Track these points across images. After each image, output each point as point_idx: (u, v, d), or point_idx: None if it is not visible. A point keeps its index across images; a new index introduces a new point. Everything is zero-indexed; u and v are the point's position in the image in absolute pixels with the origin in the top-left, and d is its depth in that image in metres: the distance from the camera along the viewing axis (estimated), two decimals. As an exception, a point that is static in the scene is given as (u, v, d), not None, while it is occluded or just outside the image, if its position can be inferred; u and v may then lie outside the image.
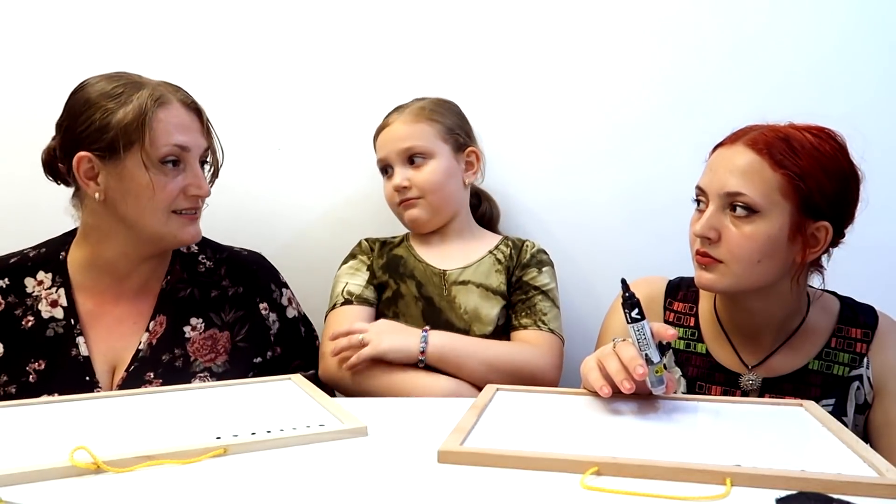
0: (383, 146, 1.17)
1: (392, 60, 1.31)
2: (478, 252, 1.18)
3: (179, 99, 0.99)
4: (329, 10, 1.32)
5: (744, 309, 0.96)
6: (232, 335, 1.06)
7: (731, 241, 0.89)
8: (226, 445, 0.66)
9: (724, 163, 0.90)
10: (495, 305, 1.13)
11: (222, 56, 1.32)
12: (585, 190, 1.33)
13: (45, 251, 1.04)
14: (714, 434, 0.71)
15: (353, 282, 1.16)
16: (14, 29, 1.31)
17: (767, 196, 0.87)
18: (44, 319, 0.99)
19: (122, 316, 1.02)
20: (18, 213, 1.32)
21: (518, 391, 0.87)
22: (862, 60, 1.28)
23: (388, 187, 1.18)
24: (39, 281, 1.01)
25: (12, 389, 0.96)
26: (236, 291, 1.08)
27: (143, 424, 0.74)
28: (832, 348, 0.96)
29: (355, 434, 0.71)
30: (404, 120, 1.16)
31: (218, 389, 0.87)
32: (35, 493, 0.57)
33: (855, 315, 0.98)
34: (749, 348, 0.98)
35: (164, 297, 1.04)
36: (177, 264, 1.07)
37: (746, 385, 0.96)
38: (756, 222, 0.87)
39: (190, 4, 1.32)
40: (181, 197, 0.98)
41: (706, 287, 0.93)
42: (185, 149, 0.97)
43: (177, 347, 1.02)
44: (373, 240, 1.23)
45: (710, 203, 0.90)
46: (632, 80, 1.31)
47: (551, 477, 0.60)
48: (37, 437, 0.70)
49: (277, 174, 1.34)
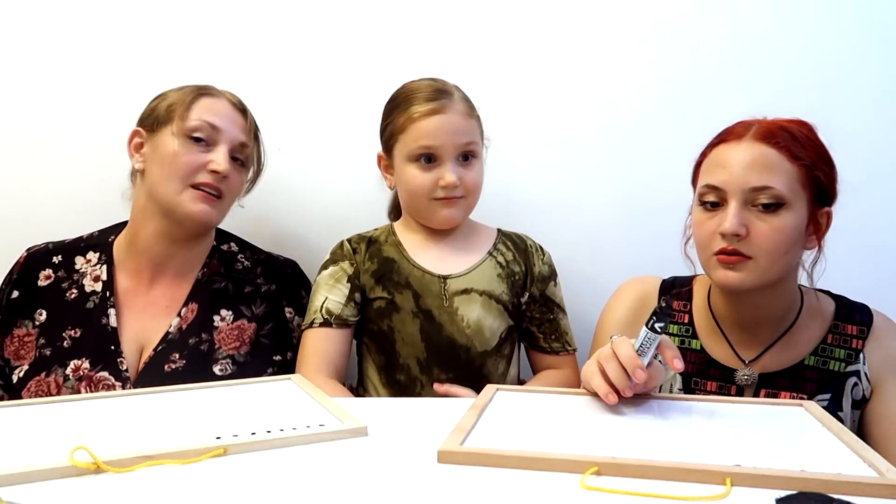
0: (436, 134, 1.05)
1: (392, 60, 1.32)
2: (476, 251, 1.13)
3: (228, 97, 1.09)
4: (329, 9, 1.32)
5: (747, 304, 0.96)
6: (258, 328, 1.09)
7: (761, 235, 0.88)
8: (226, 445, 0.65)
9: (739, 158, 0.90)
10: (497, 317, 1.09)
11: (222, 56, 1.32)
12: (585, 188, 1.33)
13: (97, 235, 1.14)
14: (714, 434, 0.71)
15: (333, 297, 1.09)
16: (14, 29, 1.31)
17: (790, 187, 0.88)
18: (86, 293, 1.07)
19: (156, 299, 1.08)
20: (19, 212, 1.32)
21: (518, 391, 0.87)
22: (862, 61, 1.28)
23: (426, 178, 1.06)
24: (88, 259, 1.10)
25: (47, 352, 1.04)
26: (269, 289, 1.13)
27: (143, 424, 0.74)
28: (828, 344, 0.97)
29: (355, 434, 0.71)
30: (462, 111, 1.07)
31: (218, 389, 0.87)
32: (35, 493, 0.57)
33: (850, 312, 0.98)
34: (745, 343, 0.98)
35: (199, 286, 1.09)
36: (215, 258, 1.12)
37: (742, 380, 0.96)
38: (782, 215, 0.88)
39: (190, 5, 1.32)
40: (202, 172, 1.03)
41: (735, 287, 0.91)
42: (216, 129, 1.04)
43: (204, 333, 1.07)
44: (356, 239, 1.14)
45: (731, 200, 0.89)
46: (631, 79, 1.31)
47: (551, 477, 0.60)
48: (37, 437, 0.70)
49: (277, 174, 1.34)
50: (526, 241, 1.17)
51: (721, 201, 0.91)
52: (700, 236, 0.94)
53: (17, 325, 1.06)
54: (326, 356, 1.06)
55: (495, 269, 1.12)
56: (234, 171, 1.07)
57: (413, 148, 1.06)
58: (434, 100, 1.06)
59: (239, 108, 1.09)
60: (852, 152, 1.28)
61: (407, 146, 1.07)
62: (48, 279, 1.08)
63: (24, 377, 1.03)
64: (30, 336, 1.06)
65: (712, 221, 0.91)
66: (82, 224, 1.17)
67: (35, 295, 1.08)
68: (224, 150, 1.04)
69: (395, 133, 1.08)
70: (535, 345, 1.15)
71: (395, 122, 1.08)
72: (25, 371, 1.04)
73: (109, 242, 1.11)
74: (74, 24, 1.32)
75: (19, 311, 1.07)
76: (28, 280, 1.09)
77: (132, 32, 1.32)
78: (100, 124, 1.32)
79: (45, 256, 1.10)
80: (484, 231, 1.17)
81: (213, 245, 1.14)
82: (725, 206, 0.90)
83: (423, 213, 1.11)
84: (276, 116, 1.33)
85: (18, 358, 1.05)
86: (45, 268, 1.09)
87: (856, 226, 1.29)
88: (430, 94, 1.07)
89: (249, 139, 1.09)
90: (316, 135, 1.34)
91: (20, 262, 1.11)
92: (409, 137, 1.06)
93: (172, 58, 1.31)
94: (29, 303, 1.07)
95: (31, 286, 1.08)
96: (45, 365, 1.03)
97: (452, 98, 1.07)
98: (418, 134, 1.06)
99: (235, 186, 1.08)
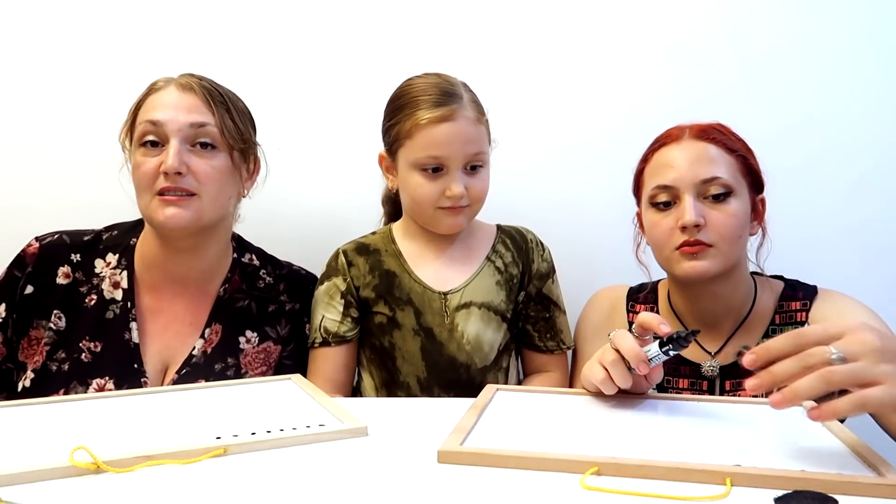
0: (444, 144, 1.00)
1: (392, 59, 1.32)
2: (475, 257, 1.11)
3: (177, 82, 0.99)
4: (329, 9, 1.32)
5: (707, 295, 0.99)
6: (282, 350, 1.06)
7: (717, 222, 0.93)
8: (226, 445, 0.65)
9: (684, 156, 0.95)
10: (496, 330, 1.07)
11: (222, 56, 1.32)
12: (585, 188, 1.33)
13: (116, 234, 1.06)
14: (714, 434, 0.71)
15: (329, 315, 1.07)
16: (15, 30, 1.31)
17: (734, 177, 0.94)
18: (105, 300, 1.01)
19: (178, 315, 1.03)
20: (17, 213, 1.32)
21: (518, 391, 0.87)
22: (866, 66, 1.28)
23: (431, 188, 1.02)
24: (108, 262, 1.03)
25: (66, 367, 0.97)
26: (293, 307, 1.09)
27: (143, 424, 0.74)
28: (776, 325, 0.99)
29: (355, 434, 0.71)
30: (472, 118, 1.02)
31: (218, 389, 0.87)
32: (35, 493, 0.57)
33: (794, 291, 1.01)
34: (709, 336, 1.00)
35: (221, 304, 1.05)
36: (236, 274, 1.07)
37: (708, 371, 0.99)
38: (731, 202, 0.93)
39: (192, 5, 1.32)
40: (160, 177, 0.94)
41: (700, 275, 0.93)
42: (158, 124, 0.94)
43: (230, 357, 1.03)
44: (352, 251, 1.11)
45: (684, 194, 0.93)
46: (631, 79, 1.31)
47: (551, 477, 0.60)
48: (37, 437, 0.70)
49: (278, 174, 1.34)
50: (526, 237, 1.14)
51: (674, 199, 0.95)
52: (657, 236, 0.97)
53: (33, 326, 0.99)
54: (325, 376, 1.05)
55: (493, 275, 1.10)
56: (199, 159, 0.95)
57: (420, 157, 1.01)
58: (443, 104, 1.00)
59: (188, 87, 0.97)
60: (852, 152, 1.29)
61: (413, 153, 1.02)
62: (67, 278, 1.01)
63: (32, 387, 0.96)
64: (44, 339, 0.98)
65: (668, 219, 0.95)
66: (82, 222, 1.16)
67: (52, 293, 1.00)
68: (174, 143, 0.94)
69: (400, 137, 1.03)
70: (529, 343, 1.13)
71: (401, 125, 1.03)
72: (32, 380, 0.97)
73: (131, 246, 1.04)
74: (77, 24, 1.32)
75: (36, 309, 0.99)
76: (45, 275, 1.00)
77: (134, 32, 1.32)
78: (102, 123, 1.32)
79: (62, 251, 1.02)
80: (483, 230, 1.15)
81: (233, 258, 1.08)
82: (679, 203, 0.94)
83: (426, 221, 1.08)
84: (276, 117, 1.33)
85: (34, 363, 0.98)
86: (64, 264, 1.01)
87: (856, 226, 1.30)
88: (438, 97, 1.01)
89: (208, 114, 0.96)
90: (317, 135, 1.34)
91: (32, 252, 1.01)
92: (415, 144, 1.01)
93: (174, 57, 1.30)
94: (45, 301, 0.99)
95: (49, 283, 1.00)
96: (64, 380, 0.96)
97: (462, 103, 1.01)
98: (426, 142, 1.00)
99: (208, 176, 0.96)
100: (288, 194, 1.35)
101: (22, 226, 1.12)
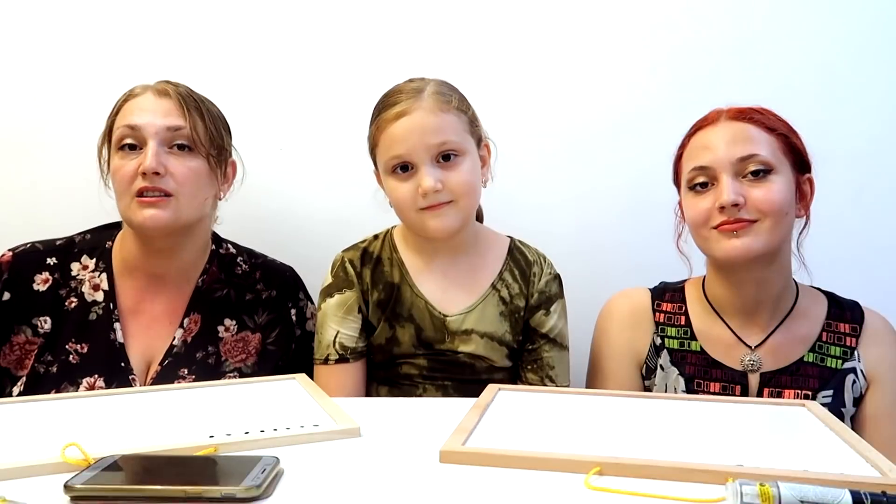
0: (402, 140, 0.96)
1: (392, 58, 1.31)
2: (481, 281, 1.05)
3: (153, 88, 1.01)
4: (330, 9, 1.32)
5: (748, 282, 0.96)
6: (263, 337, 1.08)
7: (759, 200, 0.91)
8: (217, 444, 0.65)
9: (720, 137, 0.93)
10: (501, 356, 1.03)
11: (223, 56, 1.32)
12: (585, 188, 1.33)
13: (90, 237, 1.08)
14: (716, 434, 0.70)
15: (345, 331, 1.03)
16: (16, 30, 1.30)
17: (773, 154, 0.92)
18: (87, 302, 1.03)
19: (159, 312, 1.05)
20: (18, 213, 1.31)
21: (520, 391, 0.87)
22: (867, 59, 1.28)
23: (405, 189, 0.98)
24: (84, 265, 1.05)
25: (53, 368, 1.00)
26: (269, 295, 1.11)
27: (136, 422, 0.74)
28: (824, 342, 0.98)
29: (348, 434, 0.70)
30: (429, 108, 0.96)
31: (218, 389, 0.87)
32: (25, 489, 0.56)
33: (842, 311, 1.00)
34: (747, 329, 0.99)
35: (200, 294, 1.07)
36: (214, 264, 1.09)
37: (748, 365, 0.97)
38: (773, 179, 0.92)
39: (191, 5, 1.31)
40: (138, 178, 0.97)
41: (741, 254, 0.91)
42: (135, 128, 0.97)
43: (210, 345, 1.05)
44: (356, 258, 1.06)
45: (722, 174, 0.92)
46: (632, 79, 1.31)
47: (554, 477, 0.60)
48: (29, 433, 0.69)
49: (279, 174, 1.34)
50: (532, 267, 1.07)
51: (711, 180, 0.93)
52: (696, 217, 0.95)
53: (14, 332, 1.01)
54: (347, 391, 1.01)
55: (497, 306, 1.04)
56: (177, 161, 0.98)
57: (387, 159, 0.98)
58: (400, 102, 0.97)
59: (164, 93, 1.00)
60: (852, 153, 1.29)
61: (382, 159, 1.00)
62: (46, 283, 1.02)
63: (24, 391, 0.98)
64: (31, 344, 1.00)
65: (706, 200, 0.93)
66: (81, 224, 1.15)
67: (32, 299, 1.01)
68: (152, 145, 0.96)
69: (373, 147, 1.02)
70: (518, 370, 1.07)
71: (372, 135, 1.02)
72: (24, 384, 0.99)
73: (107, 248, 1.06)
74: (78, 24, 1.31)
75: (15, 316, 1.01)
76: (21, 282, 1.02)
77: (134, 34, 1.31)
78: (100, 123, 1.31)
79: (37, 257, 1.03)
80: (491, 247, 1.08)
81: (211, 250, 1.10)
82: (717, 184, 0.93)
83: (414, 227, 1.02)
84: (277, 117, 1.32)
85: (22, 367, 1.00)
86: (41, 270, 1.03)
87: (856, 226, 1.29)
88: (398, 97, 0.98)
89: (183, 118, 0.98)
90: (317, 135, 1.34)
91: (7, 261, 1.03)
92: (382, 149, 0.99)
93: (173, 58, 1.30)
94: (25, 307, 1.01)
95: (27, 289, 1.02)
96: (54, 382, 0.98)
97: (420, 96, 0.97)
98: (388, 143, 0.98)
99: (185, 177, 0.98)
100: (289, 194, 1.34)
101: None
